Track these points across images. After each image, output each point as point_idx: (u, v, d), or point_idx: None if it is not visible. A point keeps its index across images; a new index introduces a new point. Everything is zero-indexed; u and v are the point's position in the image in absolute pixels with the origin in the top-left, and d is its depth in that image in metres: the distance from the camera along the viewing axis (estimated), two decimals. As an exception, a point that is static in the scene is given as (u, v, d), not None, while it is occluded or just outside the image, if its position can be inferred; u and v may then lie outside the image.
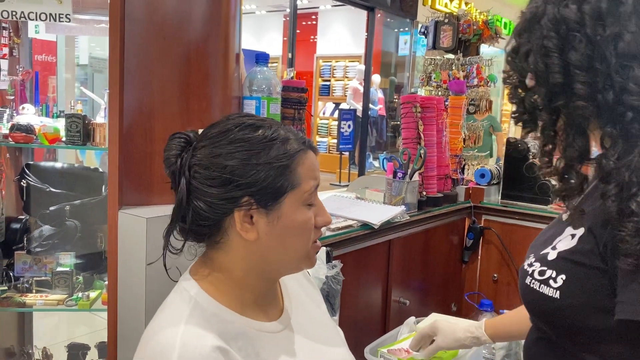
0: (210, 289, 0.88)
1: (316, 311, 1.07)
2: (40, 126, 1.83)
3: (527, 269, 0.92)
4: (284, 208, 0.86)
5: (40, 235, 1.95)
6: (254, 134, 0.86)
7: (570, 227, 0.91)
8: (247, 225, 0.85)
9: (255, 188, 0.84)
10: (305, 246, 0.89)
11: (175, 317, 0.83)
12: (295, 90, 1.73)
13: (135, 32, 1.34)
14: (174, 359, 0.76)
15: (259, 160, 0.84)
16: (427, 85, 3.00)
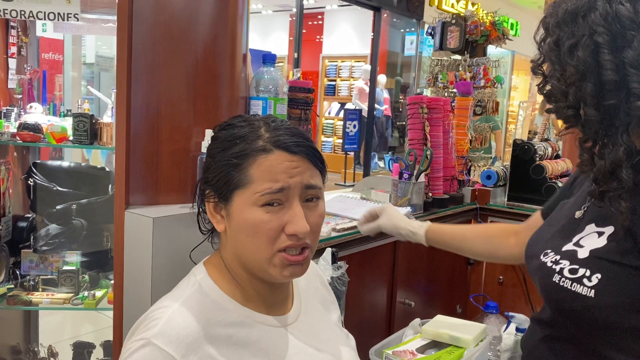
0: (217, 277, 0.93)
1: (325, 315, 1.07)
2: (47, 125, 1.84)
3: (553, 266, 0.91)
4: (234, 205, 0.88)
5: (47, 234, 1.96)
6: (226, 132, 0.92)
7: (593, 224, 0.91)
8: (218, 216, 0.92)
9: (213, 182, 0.90)
10: (263, 250, 0.86)
11: (176, 296, 0.89)
12: (301, 90, 1.73)
13: (142, 32, 1.34)
14: (155, 330, 0.82)
15: (220, 157, 0.90)
16: (434, 86, 2.99)
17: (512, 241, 1.36)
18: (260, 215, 0.85)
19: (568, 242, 0.94)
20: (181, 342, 0.81)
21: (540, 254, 0.97)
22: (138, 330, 0.85)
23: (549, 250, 0.96)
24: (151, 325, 0.83)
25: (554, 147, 2.76)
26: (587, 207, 0.98)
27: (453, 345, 1.49)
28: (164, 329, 0.82)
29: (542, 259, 0.96)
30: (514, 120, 9.82)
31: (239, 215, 0.87)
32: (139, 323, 0.87)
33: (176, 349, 0.80)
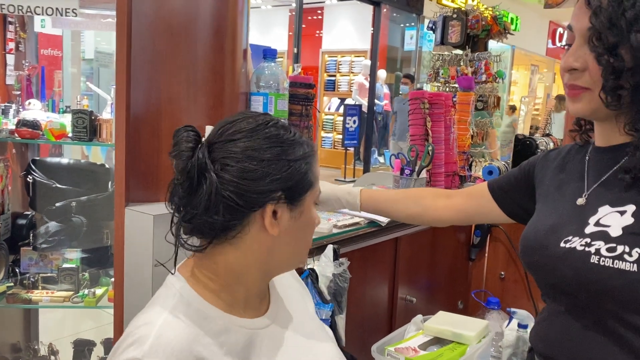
0: (196, 285, 0.88)
1: (303, 308, 1.07)
2: (46, 122, 1.82)
3: (586, 248, 0.92)
4: (305, 205, 0.90)
5: (47, 232, 1.95)
6: (284, 132, 0.89)
7: (607, 206, 0.94)
8: (273, 220, 0.87)
9: (288, 183, 0.87)
10: (310, 241, 0.96)
11: (159, 308, 0.85)
12: (302, 86, 1.72)
13: (142, 28, 1.33)
14: (146, 347, 0.77)
15: (290, 157, 0.87)
16: (435, 81, 2.98)
17: (440, 203, 1.39)
18: (316, 212, 0.95)
19: (587, 225, 0.95)
20: (176, 357, 0.78)
21: (558, 243, 0.97)
22: (124, 351, 0.80)
23: (570, 236, 0.96)
24: (139, 343, 0.78)
25: (556, 142, 2.75)
26: (588, 194, 1.00)
27: (455, 341, 1.49)
28: (155, 345, 0.78)
29: (565, 246, 0.95)
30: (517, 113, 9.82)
31: (307, 214, 0.91)
32: (121, 342, 0.82)
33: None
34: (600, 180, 0.99)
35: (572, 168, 1.09)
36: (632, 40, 0.87)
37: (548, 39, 11.74)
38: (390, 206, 1.45)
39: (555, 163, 1.14)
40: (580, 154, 1.09)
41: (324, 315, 1.57)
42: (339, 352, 1.05)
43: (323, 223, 1.79)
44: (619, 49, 0.88)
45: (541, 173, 1.17)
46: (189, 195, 0.84)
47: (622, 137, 0.97)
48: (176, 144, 0.86)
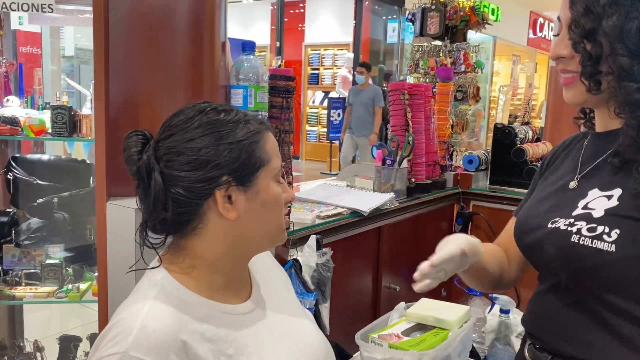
0: (177, 275, 0.89)
1: (283, 290, 1.09)
2: (25, 118, 1.81)
3: (568, 228, 0.93)
4: (260, 183, 0.89)
5: (29, 228, 1.94)
6: (218, 116, 0.89)
7: (596, 189, 0.95)
8: (227, 204, 0.87)
9: (233, 166, 0.86)
10: (279, 219, 0.94)
11: (141, 300, 0.85)
12: (282, 78, 1.73)
13: (119, 22, 1.33)
14: (130, 340, 0.77)
15: (230, 140, 0.86)
16: (415, 72, 3.00)
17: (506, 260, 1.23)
18: (278, 189, 0.93)
19: (575, 208, 0.96)
20: (161, 347, 0.78)
21: (546, 224, 0.99)
22: (106, 345, 0.79)
23: (557, 218, 0.97)
24: (122, 336, 0.78)
25: (535, 130, 2.79)
26: (579, 177, 1.01)
27: (438, 327, 1.51)
28: (140, 337, 0.78)
29: (551, 226, 0.97)
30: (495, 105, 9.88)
31: (265, 192, 0.90)
32: (104, 335, 0.82)
33: (156, 356, 0.77)
34: (593, 164, 1.00)
35: (571, 155, 1.09)
36: (604, 26, 0.89)
37: (529, 29, 11.82)
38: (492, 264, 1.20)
39: (559, 152, 1.15)
40: (581, 141, 1.10)
41: (307, 304, 1.58)
42: (320, 333, 1.07)
43: (305, 214, 1.80)
44: (596, 35, 0.90)
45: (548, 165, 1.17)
46: (145, 196, 0.87)
47: (617, 122, 0.97)
48: (124, 150, 0.89)
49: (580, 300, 0.95)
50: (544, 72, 12.18)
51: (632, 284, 0.87)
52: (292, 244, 1.63)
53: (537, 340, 1.04)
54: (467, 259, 1.07)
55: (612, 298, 0.90)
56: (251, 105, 1.55)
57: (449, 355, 1.22)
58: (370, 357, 1.13)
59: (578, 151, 1.08)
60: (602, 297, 0.91)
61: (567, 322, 0.97)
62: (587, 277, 0.92)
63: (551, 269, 0.99)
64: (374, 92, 6.81)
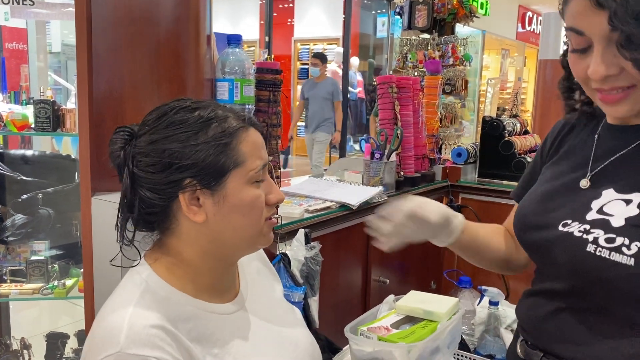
0: (162, 273, 0.88)
1: (271, 293, 1.07)
2: (7, 113, 1.79)
3: (583, 235, 0.87)
4: (229, 187, 0.85)
5: (13, 224, 1.92)
6: (191, 114, 0.85)
7: (611, 190, 0.89)
8: (194, 207, 0.85)
9: (196, 169, 0.83)
10: (256, 224, 0.89)
11: (125, 299, 0.83)
12: (269, 72, 1.72)
13: (102, 15, 1.31)
14: (121, 339, 0.76)
15: (197, 141, 0.83)
16: (404, 66, 3.00)
17: None
18: (255, 192, 0.87)
19: (589, 211, 0.90)
20: (154, 341, 0.77)
21: (556, 225, 0.92)
22: (97, 349, 0.78)
23: (569, 220, 0.91)
24: (112, 338, 0.77)
25: (523, 123, 2.80)
26: (591, 175, 0.94)
27: (427, 319, 1.51)
28: (131, 335, 0.77)
29: (563, 229, 0.91)
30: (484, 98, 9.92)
31: (235, 196, 0.85)
32: (93, 338, 0.81)
33: (152, 349, 0.76)
34: (608, 161, 0.93)
35: (580, 143, 1.02)
36: None
37: (518, 23, 11.86)
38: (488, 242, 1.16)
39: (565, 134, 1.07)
40: (589, 127, 1.01)
41: (296, 297, 1.58)
42: (309, 335, 1.06)
43: (294, 208, 1.80)
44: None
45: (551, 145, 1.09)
46: None
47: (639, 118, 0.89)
48: (109, 145, 0.88)
49: (583, 308, 0.91)
50: (533, 66, 12.23)
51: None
52: (281, 237, 1.63)
53: (530, 337, 1.01)
54: (431, 227, 1.07)
55: (623, 310, 0.86)
56: (237, 98, 1.54)
57: (437, 347, 1.22)
58: (360, 350, 1.12)
59: (589, 141, 0.99)
60: (611, 308, 0.87)
61: (565, 326, 0.93)
62: (598, 288, 0.87)
63: (558, 273, 0.94)
64: (333, 85, 6.27)
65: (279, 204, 0.92)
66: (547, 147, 1.11)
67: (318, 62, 6.17)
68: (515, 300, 1.13)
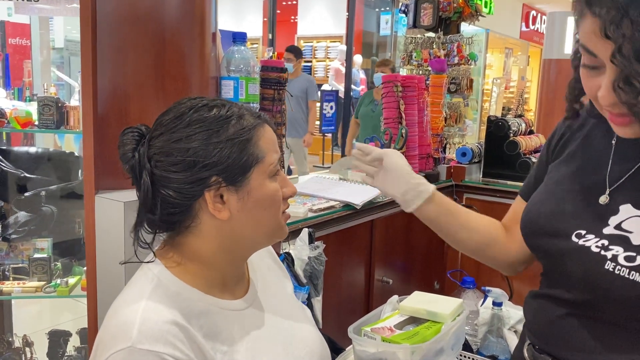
0: (174, 269, 0.88)
1: (281, 290, 1.07)
2: (11, 110, 1.78)
3: (602, 252, 0.85)
4: (252, 182, 0.86)
5: (16, 222, 1.91)
6: (210, 113, 0.85)
7: (629, 205, 0.86)
8: (218, 205, 0.85)
9: (222, 166, 0.83)
10: (277, 217, 0.91)
11: (137, 294, 0.83)
12: (274, 70, 1.71)
13: (107, 12, 1.31)
14: (134, 334, 0.76)
15: (220, 138, 0.83)
16: (408, 64, 2.99)
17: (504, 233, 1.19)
18: (275, 186, 0.89)
19: (606, 225, 0.87)
20: (166, 338, 0.77)
21: (569, 234, 0.90)
22: (109, 343, 0.78)
23: (583, 231, 0.89)
24: (124, 333, 0.77)
25: (528, 123, 2.79)
26: (610, 191, 0.91)
27: (431, 320, 1.51)
28: (143, 330, 0.77)
29: (577, 241, 0.89)
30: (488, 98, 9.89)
31: (259, 190, 0.87)
32: (105, 334, 0.81)
33: (164, 345, 0.76)
34: (627, 175, 0.90)
35: (595, 148, 0.98)
36: None
37: (522, 22, 11.83)
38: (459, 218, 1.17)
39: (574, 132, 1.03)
40: (600, 128, 0.98)
41: (300, 297, 1.57)
42: (318, 333, 1.06)
43: (298, 207, 1.79)
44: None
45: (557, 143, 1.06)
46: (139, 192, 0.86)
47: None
48: (119, 148, 0.87)
49: (592, 317, 0.89)
50: (536, 65, 12.19)
51: None
52: (285, 237, 1.62)
53: (537, 341, 1.00)
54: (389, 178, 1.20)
55: (638, 324, 0.84)
56: (242, 97, 1.53)
57: (441, 348, 1.21)
58: (363, 350, 1.12)
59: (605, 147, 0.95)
60: (625, 323, 0.86)
61: (573, 333, 0.92)
62: (613, 305, 0.85)
63: (570, 285, 0.92)
64: (307, 82, 5.68)
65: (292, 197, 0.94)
66: (553, 144, 1.08)
67: (292, 57, 5.46)
68: (519, 301, 1.11)
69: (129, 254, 1.23)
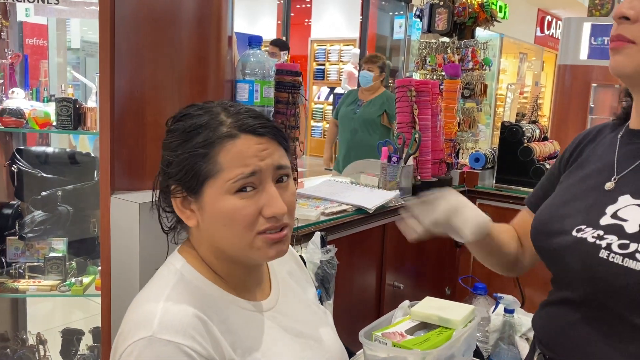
0: (196, 264, 0.91)
1: (302, 295, 1.07)
2: (30, 110, 1.81)
3: (596, 241, 0.86)
4: (206, 197, 0.85)
5: (32, 221, 1.94)
6: (184, 123, 0.88)
7: (628, 196, 0.88)
8: (187, 211, 0.89)
9: (178, 176, 0.86)
10: (242, 236, 0.85)
11: (161, 287, 0.86)
12: (289, 73, 1.71)
13: (125, 15, 1.32)
14: (155, 324, 0.78)
15: (184, 149, 0.86)
16: (422, 69, 2.98)
17: None
18: (235, 203, 0.84)
19: (603, 215, 0.89)
20: (186, 330, 0.78)
21: (570, 230, 0.91)
22: (130, 332, 0.80)
23: (583, 225, 0.90)
24: (146, 323, 0.79)
25: (542, 129, 2.77)
26: (617, 178, 0.93)
27: (442, 326, 1.50)
28: (164, 321, 0.78)
29: (577, 235, 0.90)
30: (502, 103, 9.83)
31: (212, 206, 0.84)
32: (127, 323, 0.83)
33: (184, 336, 0.78)
34: (631, 167, 0.92)
35: (599, 150, 1.01)
36: None
37: (536, 27, 11.76)
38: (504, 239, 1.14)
39: (584, 144, 1.06)
40: (612, 134, 1.01)
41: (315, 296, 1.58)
42: (337, 339, 1.06)
43: (310, 210, 1.79)
44: None
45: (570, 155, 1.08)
46: None
47: None
48: None
49: (599, 317, 0.89)
50: (551, 71, 12.11)
51: None
52: (297, 240, 1.62)
53: (547, 351, 0.99)
54: None
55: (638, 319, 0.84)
56: (257, 100, 1.54)
57: (452, 354, 1.21)
58: (374, 355, 1.12)
59: (610, 147, 0.98)
60: (626, 317, 0.85)
61: (582, 338, 0.91)
62: (613, 296, 0.86)
63: (571, 280, 0.93)
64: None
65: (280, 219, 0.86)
66: (566, 157, 1.09)
67: (277, 50, 4.71)
68: (531, 308, 1.11)
69: (143, 255, 1.25)
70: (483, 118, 3.02)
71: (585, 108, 4.17)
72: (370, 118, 3.77)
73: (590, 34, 4.22)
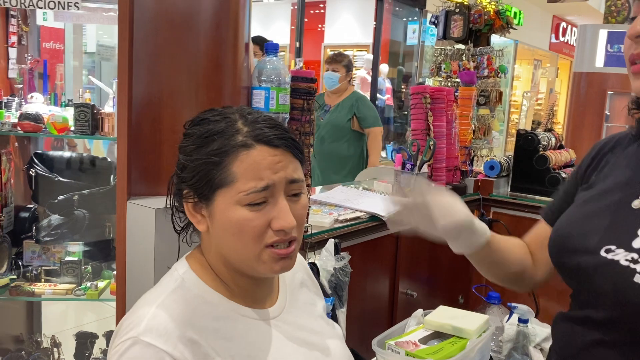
0: (200, 272, 0.91)
1: (311, 307, 1.06)
2: (48, 115, 1.83)
3: (631, 265, 0.84)
4: (216, 205, 0.85)
5: (49, 225, 1.96)
6: (201, 128, 0.88)
7: None
8: (198, 216, 0.89)
9: (191, 182, 0.86)
10: (250, 248, 0.85)
11: (159, 293, 0.88)
12: (304, 80, 1.71)
13: (144, 21, 1.33)
14: (142, 326, 0.81)
15: (198, 155, 0.86)
16: (437, 75, 2.97)
17: None
18: (244, 214, 0.83)
19: (635, 238, 0.86)
20: (169, 335, 0.80)
21: (597, 250, 0.88)
22: (123, 331, 0.83)
23: (613, 246, 0.87)
24: (135, 324, 0.81)
25: (558, 137, 2.75)
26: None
27: (456, 336, 1.49)
28: (150, 324, 0.81)
29: (606, 256, 0.87)
30: (517, 110, 9.78)
31: (222, 214, 0.84)
32: (123, 322, 0.85)
33: (165, 342, 0.79)
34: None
35: (623, 161, 0.98)
36: None
37: (551, 33, 11.69)
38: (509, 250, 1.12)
39: (604, 153, 1.03)
40: (633, 146, 0.98)
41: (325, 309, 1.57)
42: (347, 351, 1.05)
43: (324, 217, 1.79)
44: None
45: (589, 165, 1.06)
46: None
47: None
48: None
49: (624, 341, 0.86)
50: (565, 77, 12.03)
51: None
52: (310, 247, 1.62)
53: None
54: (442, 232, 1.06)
55: None
56: (273, 107, 1.54)
57: (467, 364, 1.20)
58: (388, 365, 1.11)
59: (633, 160, 0.96)
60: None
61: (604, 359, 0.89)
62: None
63: (599, 302, 0.90)
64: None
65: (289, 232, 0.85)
66: (584, 167, 1.07)
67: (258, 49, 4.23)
68: (545, 318, 1.09)
69: (159, 260, 1.25)
70: (497, 125, 3.00)
71: (601, 116, 4.13)
72: (339, 124, 3.52)
73: (607, 41, 4.19)
